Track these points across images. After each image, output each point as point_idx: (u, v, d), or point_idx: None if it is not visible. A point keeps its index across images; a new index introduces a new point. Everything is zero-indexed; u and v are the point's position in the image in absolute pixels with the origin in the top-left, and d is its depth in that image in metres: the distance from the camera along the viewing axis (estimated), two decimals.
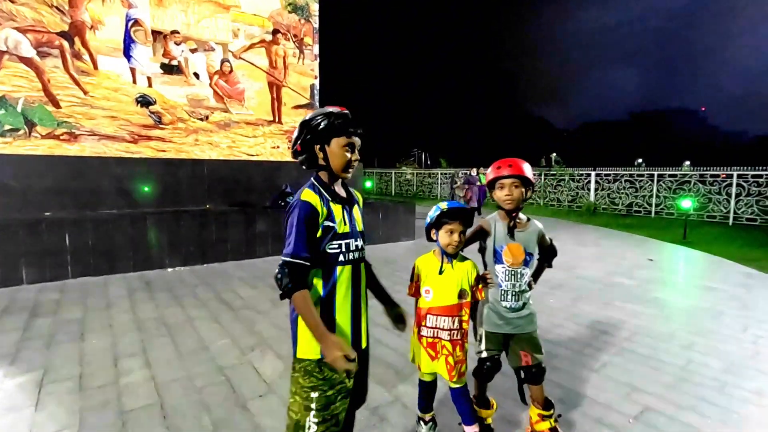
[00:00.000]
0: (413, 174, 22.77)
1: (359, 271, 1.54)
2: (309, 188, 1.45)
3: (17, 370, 2.75)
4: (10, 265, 4.72)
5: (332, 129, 1.43)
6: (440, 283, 1.93)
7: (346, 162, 1.46)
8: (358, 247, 1.53)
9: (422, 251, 2.13)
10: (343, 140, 1.45)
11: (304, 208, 1.38)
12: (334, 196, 1.48)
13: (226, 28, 7.32)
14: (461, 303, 1.91)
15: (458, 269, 1.92)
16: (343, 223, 1.47)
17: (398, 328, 1.74)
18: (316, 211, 1.39)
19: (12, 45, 5.62)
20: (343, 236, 1.46)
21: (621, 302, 4.36)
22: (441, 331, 1.92)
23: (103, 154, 6.30)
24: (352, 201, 1.56)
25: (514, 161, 1.91)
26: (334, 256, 1.44)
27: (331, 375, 1.41)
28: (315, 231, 1.40)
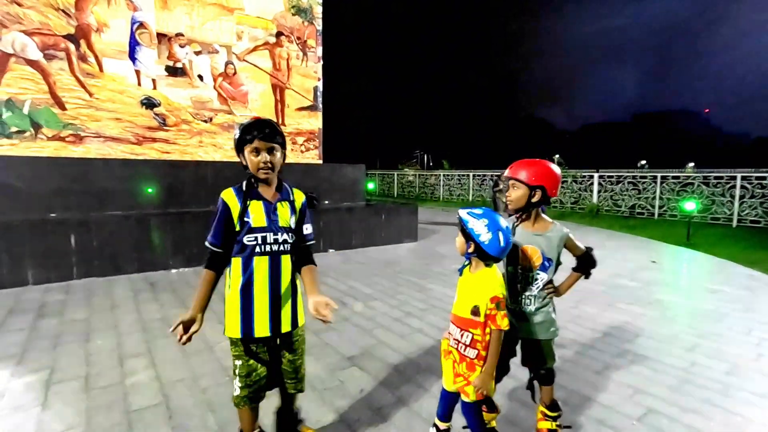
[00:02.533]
0: (415, 175, 22.78)
1: (279, 262, 1.70)
2: (232, 188, 1.71)
3: (24, 370, 2.77)
4: (16, 265, 4.76)
5: (241, 139, 1.66)
6: (461, 287, 1.82)
7: (256, 164, 1.66)
8: (278, 241, 1.69)
9: (426, 253, 2.13)
10: (249, 146, 1.65)
11: (220, 204, 1.68)
12: (256, 195, 1.70)
13: (230, 30, 7.37)
14: (473, 320, 1.72)
15: (479, 280, 1.74)
16: (259, 219, 1.67)
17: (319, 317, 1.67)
18: (228, 207, 1.66)
19: (19, 48, 5.68)
20: (259, 230, 1.66)
21: (624, 304, 4.36)
22: (452, 338, 1.84)
23: (108, 156, 6.34)
24: (279, 200, 1.73)
25: (517, 163, 1.90)
26: (250, 248, 1.66)
27: (245, 350, 1.71)
28: (230, 224, 1.65)
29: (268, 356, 1.76)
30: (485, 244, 1.67)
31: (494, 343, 1.70)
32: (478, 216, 1.71)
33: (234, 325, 1.69)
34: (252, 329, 1.68)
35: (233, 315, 1.69)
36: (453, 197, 19.63)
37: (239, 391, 1.73)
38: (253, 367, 1.72)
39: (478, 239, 1.68)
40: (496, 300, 1.68)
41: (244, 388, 1.72)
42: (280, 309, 1.72)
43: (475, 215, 1.72)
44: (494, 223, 1.68)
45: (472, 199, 18.42)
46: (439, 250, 6.97)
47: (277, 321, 1.71)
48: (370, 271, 5.69)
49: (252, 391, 1.73)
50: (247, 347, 1.71)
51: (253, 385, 1.72)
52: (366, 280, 5.21)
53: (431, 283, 5.14)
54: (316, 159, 8.58)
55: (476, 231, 1.69)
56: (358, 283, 5.06)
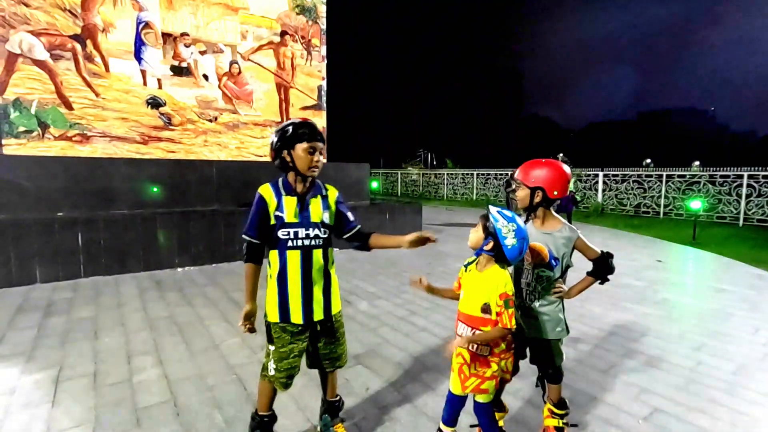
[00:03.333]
0: (419, 174, 22.76)
1: (310, 256, 1.79)
2: (268, 183, 1.81)
3: (34, 368, 2.81)
4: (24, 264, 4.81)
5: (295, 136, 1.73)
6: (468, 285, 1.81)
7: (309, 162, 1.75)
8: (309, 236, 1.79)
9: (429, 252, 2.13)
10: (304, 145, 1.73)
11: (257, 198, 1.78)
12: (290, 191, 1.79)
13: (235, 30, 7.39)
14: (484, 318, 1.72)
15: (488, 278, 1.73)
16: (292, 214, 1.77)
17: (427, 240, 1.95)
18: (265, 201, 1.76)
19: (26, 48, 5.72)
20: (291, 225, 1.76)
21: (629, 303, 4.35)
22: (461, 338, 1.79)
23: (114, 155, 6.39)
24: (310, 195, 1.83)
25: (525, 165, 1.96)
26: (284, 241, 1.77)
27: (283, 336, 1.80)
28: (266, 217, 1.76)
29: (306, 342, 1.86)
30: (508, 248, 1.67)
31: (494, 331, 1.69)
32: (509, 219, 1.70)
33: (273, 311, 1.81)
34: (288, 316, 1.80)
35: (272, 301, 1.81)
36: (457, 196, 19.61)
37: (273, 372, 1.83)
38: (285, 354, 1.81)
39: (503, 241, 1.67)
40: (505, 297, 1.68)
41: (278, 371, 1.82)
42: (312, 299, 1.81)
43: (505, 217, 1.70)
44: (521, 230, 1.69)
45: (476, 198, 18.39)
46: (443, 249, 6.97)
47: (310, 310, 1.81)
48: (374, 270, 5.70)
49: (284, 376, 1.83)
50: (285, 331, 1.81)
51: (285, 370, 1.82)
52: (370, 279, 5.22)
53: (435, 282, 5.10)
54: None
55: (503, 233, 1.68)
56: (363, 282, 5.07)
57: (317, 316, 1.83)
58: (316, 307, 1.83)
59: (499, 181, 17.69)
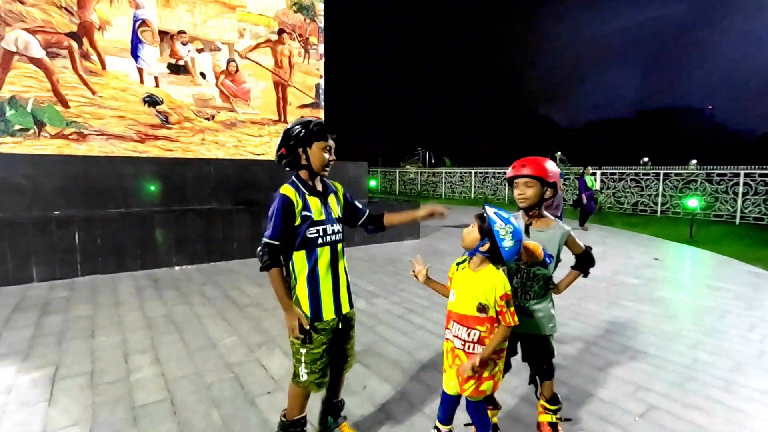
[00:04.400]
0: (417, 173, 22.77)
1: (336, 250, 1.85)
2: (288, 184, 1.77)
3: (30, 366, 2.80)
4: (21, 262, 4.80)
5: (312, 134, 1.76)
6: (460, 284, 1.80)
7: (324, 161, 1.78)
8: (335, 231, 1.84)
9: (427, 251, 2.14)
10: (322, 143, 1.77)
11: (282, 199, 1.71)
12: (311, 190, 1.80)
13: (232, 28, 7.37)
14: (479, 317, 1.72)
15: (483, 278, 1.72)
16: (319, 212, 1.78)
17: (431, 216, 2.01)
18: (292, 202, 1.72)
19: (22, 46, 5.69)
20: (319, 223, 1.78)
21: (626, 301, 4.36)
22: (457, 339, 1.78)
23: (111, 154, 6.36)
24: (327, 193, 1.87)
25: (528, 160, 1.89)
26: (314, 240, 1.76)
27: (316, 337, 1.77)
28: (292, 219, 1.72)
29: (329, 340, 1.84)
30: (505, 250, 1.66)
31: (500, 334, 1.70)
32: (506, 220, 1.69)
33: (305, 312, 1.77)
34: (321, 313, 1.79)
35: (304, 303, 1.78)
36: (455, 194, 19.62)
37: (306, 377, 1.79)
38: (318, 355, 1.79)
39: (500, 243, 1.66)
40: (507, 297, 1.68)
41: (311, 373, 1.79)
42: (340, 292, 1.85)
43: (503, 219, 1.69)
44: (518, 233, 1.69)
45: (474, 196, 18.41)
46: (441, 248, 6.98)
47: (339, 303, 1.84)
48: (372, 269, 5.70)
49: (318, 378, 1.81)
50: (317, 331, 1.79)
51: (319, 371, 1.80)
52: (368, 277, 5.22)
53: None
54: None
55: (501, 234, 1.66)
56: (361, 280, 5.07)
57: (344, 309, 1.87)
58: (343, 300, 1.87)
59: (497, 180, 17.70)
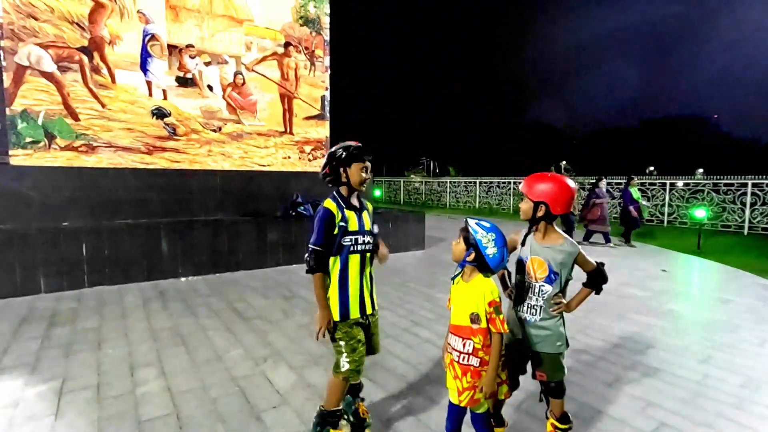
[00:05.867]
0: (422, 182, 22.80)
1: (365, 258, 2.11)
2: (330, 199, 2.07)
3: (37, 379, 2.81)
4: (29, 273, 4.83)
5: (352, 156, 2.05)
6: (456, 297, 1.89)
7: (362, 179, 2.08)
8: (365, 242, 2.10)
9: (433, 262, 2.17)
10: (359, 164, 2.06)
11: (325, 212, 2.02)
12: (349, 204, 2.08)
13: (239, 41, 7.48)
14: (472, 328, 1.78)
15: (473, 287, 1.80)
16: (354, 224, 2.06)
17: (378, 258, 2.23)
18: (332, 214, 2.01)
19: (34, 60, 5.80)
20: (352, 233, 2.05)
21: (634, 314, 4.32)
22: (453, 350, 1.85)
23: (119, 166, 6.43)
24: (362, 208, 2.15)
25: (530, 177, 1.95)
26: (347, 247, 2.04)
27: (351, 331, 2.05)
28: (332, 228, 2.01)
29: (363, 335, 2.11)
30: (489, 257, 1.76)
31: (495, 346, 1.77)
32: (487, 229, 1.79)
33: (335, 310, 2.04)
34: (348, 312, 2.05)
35: (335, 302, 2.04)
36: (460, 204, 19.61)
37: (348, 366, 2.02)
38: (355, 345, 2.04)
39: (484, 251, 1.76)
40: (494, 304, 1.75)
41: (351, 362, 2.02)
42: (364, 295, 2.11)
43: (484, 227, 1.80)
44: (501, 239, 1.78)
45: (479, 206, 18.38)
46: (446, 259, 6.96)
47: (364, 305, 2.10)
48: (377, 280, 5.67)
49: (357, 365, 2.05)
50: (349, 326, 2.06)
51: (358, 360, 2.04)
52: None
53: (439, 292, 5.13)
54: None
55: (483, 243, 1.77)
56: None
57: (368, 310, 2.13)
58: (367, 302, 2.12)
59: (501, 189, 17.68)
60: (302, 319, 4.09)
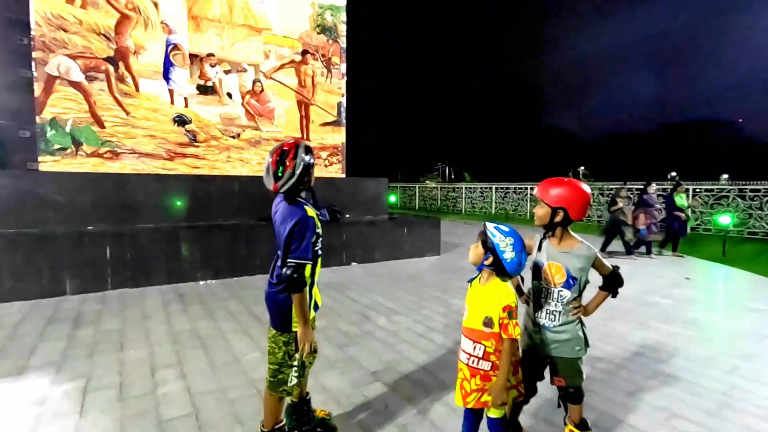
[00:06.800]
0: (437, 188, 22.74)
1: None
2: (307, 205, 1.96)
3: (63, 378, 2.90)
4: (56, 276, 5.00)
5: (313, 159, 1.98)
6: (471, 299, 1.88)
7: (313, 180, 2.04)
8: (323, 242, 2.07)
9: (448, 267, 2.16)
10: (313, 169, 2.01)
11: (312, 221, 1.89)
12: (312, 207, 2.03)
13: (258, 49, 7.63)
14: (484, 331, 1.76)
15: (489, 291, 1.79)
16: (320, 227, 2.02)
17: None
18: (316, 223, 1.94)
19: (63, 70, 6.04)
20: (320, 236, 2.01)
21: (656, 322, 4.21)
22: (462, 352, 1.85)
23: (141, 171, 6.62)
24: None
25: (545, 182, 1.93)
26: (317, 252, 1.99)
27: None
28: (313, 237, 1.91)
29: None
30: (507, 261, 1.76)
31: (506, 352, 1.74)
32: (505, 233, 1.78)
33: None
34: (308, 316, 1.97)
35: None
36: (475, 210, 19.47)
37: (296, 380, 1.96)
38: (311, 358, 2.01)
39: (501, 255, 1.76)
40: (508, 309, 1.73)
41: (300, 377, 1.99)
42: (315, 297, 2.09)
43: (502, 232, 1.80)
44: (519, 243, 1.78)
45: (494, 212, 18.22)
46: (462, 264, 6.91)
47: (316, 303, 2.09)
48: (392, 285, 5.69)
49: (304, 379, 2.04)
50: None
51: (303, 374, 2.02)
52: (389, 294, 5.21)
53: (454, 297, 5.10)
54: (339, 173, 8.70)
55: (501, 247, 1.77)
56: (381, 297, 5.06)
57: (320, 304, 2.14)
58: (317, 297, 2.11)
59: (518, 195, 17.50)
60: (318, 322, 4.08)
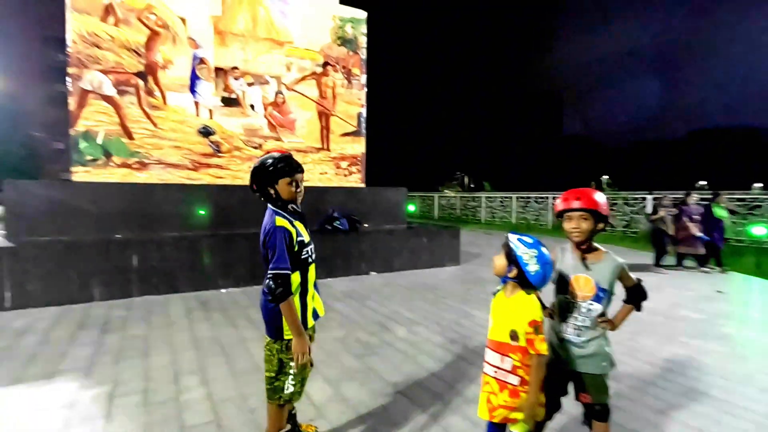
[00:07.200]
0: (456, 197, 22.59)
1: (315, 265, 2.10)
2: (278, 216, 1.90)
3: (91, 383, 2.98)
4: (85, 282, 5.16)
5: (277, 172, 1.90)
6: (496, 311, 1.84)
7: (292, 195, 1.95)
8: (314, 248, 2.08)
9: (468, 278, 2.13)
10: (287, 179, 1.92)
11: (283, 231, 1.85)
12: (294, 215, 1.97)
13: (281, 62, 7.81)
14: (511, 345, 1.74)
15: (515, 304, 1.76)
16: (306, 234, 2.01)
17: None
18: (288, 231, 1.88)
19: (96, 85, 6.31)
20: (308, 244, 2.00)
21: (687, 338, 4.05)
22: (489, 366, 1.82)
23: (167, 181, 6.81)
24: (303, 217, 2.06)
25: (582, 193, 1.83)
26: (306, 260, 1.98)
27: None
28: (293, 246, 1.89)
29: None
30: (531, 274, 1.71)
31: (535, 369, 1.70)
32: (529, 245, 1.75)
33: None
34: (306, 323, 2.00)
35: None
36: (495, 220, 19.24)
37: (292, 389, 1.96)
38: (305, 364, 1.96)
39: (525, 267, 1.72)
40: (535, 324, 1.69)
41: (297, 384, 1.97)
42: (316, 302, 2.10)
43: (525, 243, 1.76)
44: (543, 255, 1.73)
45: (515, 222, 17.96)
46: (482, 275, 6.82)
47: (315, 311, 2.09)
48: (412, 295, 5.65)
49: (302, 386, 2.02)
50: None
51: (302, 381, 2.01)
52: (408, 305, 5.18)
53: (475, 308, 5.03)
54: (358, 182, 8.75)
55: (525, 259, 1.72)
56: (401, 307, 5.04)
57: (320, 312, 2.13)
58: (318, 306, 2.11)
59: (539, 205, 17.21)
60: (338, 332, 4.11)
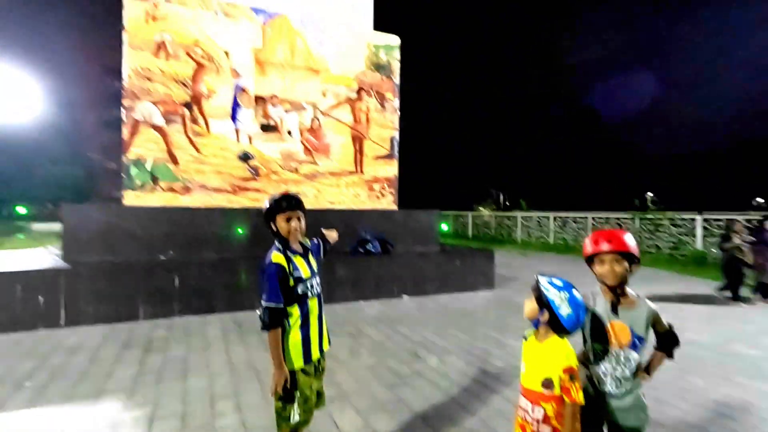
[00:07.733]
0: (491, 216, 22.22)
1: (321, 299, 2.17)
2: (276, 251, 2.04)
3: (133, 404, 3.11)
4: (131, 302, 5.45)
5: (273, 210, 2.07)
6: (528, 356, 1.78)
7: (288, 230, 2.07)
8: (318, 283, 2.16)
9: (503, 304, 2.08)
10: (283, 215, 2.06)
11: (274, 267, 1.97)
12: (293, 251, 2.09)
13: (317, 89, 8.10)
14: (544, 394, 1.66)
15: (547, 349, 1.69)
16: (306, 271, 2.08)
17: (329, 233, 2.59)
18: (282, 267, 1.98)
19: (147, 115, 6.78)
20: (307, 280, 2.07)
21: (743, 378, 3.74)
22: (524, 412, 1.74)
23: (209, 205, 7.14)
24: (306, 251, 2.19)
25: (613, 235, 1.77)
26: (305, 295, 2.05)
27: (306, 378, 2.03)
28: (286, 282, 1.97)
29: (316, 383, 2.12)
30: (563, 318, 1.65)
31: (569, 418, 1.62)
32: (560, 288, 1.70)
33: (298, 357, 2.02)
34: (310, 355, 2.06)
35: (296, 349, 2.02)
36: (532, 239, 18.72)
37: (298, 418, 1.99)
38: (309, 394, 2.04)
39: (557, 311, 1.66)
40: (571, 371, 1.62)
41: (302, 414, 2.01)
42: (322, 334, 2.16)
43: (556, 286, 1.71)
44: (575, 298, 1.68)
45: (553, 242, 17.40)
46: (517, 301, 6.63)
47: (320, 344, 2.14)
48: (445, 321, 5.56)
49: (308, 415, 2.05)
50: (307, 373, 2.05)
51: (309, 410, 2.05)
52: (441, 331, 5.10)
53: (510, 337, 4.89)
54: (391, 205, 8.82)
55: (556, 303, 1.67)
56: (433, 334, 4.97)
57: (325, 347, 2.19)
58: (323, 340, 2.17)
59: (578, 225, 16.62)
60: (369, 360, 4.11)
